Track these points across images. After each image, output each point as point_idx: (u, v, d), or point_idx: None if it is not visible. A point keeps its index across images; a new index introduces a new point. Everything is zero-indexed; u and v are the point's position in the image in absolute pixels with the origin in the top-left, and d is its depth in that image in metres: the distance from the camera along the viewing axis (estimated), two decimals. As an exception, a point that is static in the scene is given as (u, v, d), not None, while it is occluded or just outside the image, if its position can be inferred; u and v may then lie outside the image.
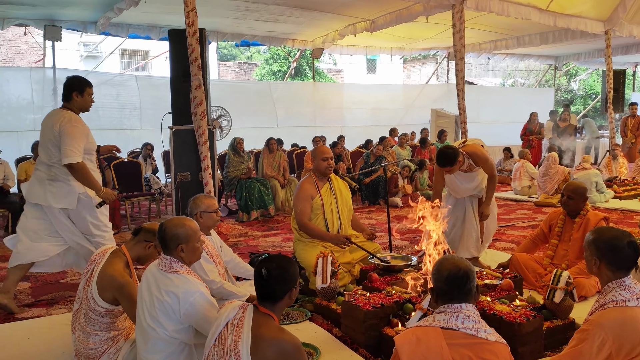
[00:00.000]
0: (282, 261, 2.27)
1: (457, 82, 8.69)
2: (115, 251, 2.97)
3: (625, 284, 2.16)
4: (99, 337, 2.87)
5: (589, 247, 2.29)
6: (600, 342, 2.04)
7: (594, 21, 10.69)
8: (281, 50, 23.58)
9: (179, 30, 6.81)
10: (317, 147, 4.49)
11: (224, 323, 2.23)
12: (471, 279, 2.05)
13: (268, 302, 2.23)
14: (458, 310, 2.01)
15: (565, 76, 24.13)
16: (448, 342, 1.94)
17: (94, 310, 2.82)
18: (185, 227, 2.65)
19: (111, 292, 2.79)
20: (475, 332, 1.97)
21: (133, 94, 11.90)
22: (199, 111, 6.62)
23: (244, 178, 7.77)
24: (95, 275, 2.85)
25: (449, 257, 2.14)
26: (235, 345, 2.12)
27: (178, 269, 2.60)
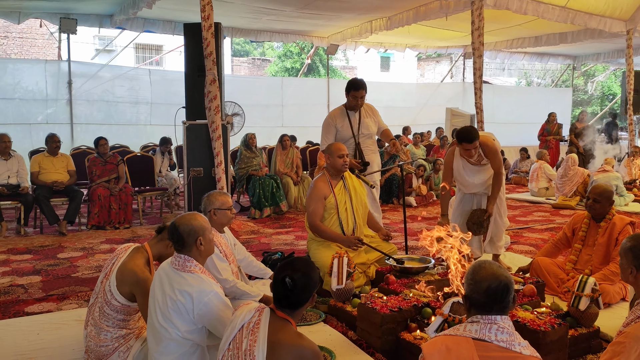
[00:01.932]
0: (307, 268, 2.15)
1: (475, 80, 8.53)
2: (138, 247, 2.93)
3: None
4: (110, 334, 2.81)
5: (625, 254, 2.16)
6: (637, 357, 1.92)
7: (615, 20, 10.45)
8: (294, 46, 23.51)
9: (194, 24, 6.74)
10: (333, 143, 4.37)
11: (239, 326, 2.14)
12: (511, 291, 1.92)
13: (287, 308, 2.14)
14: (492, 321, 1.89)
15: (582, 77, 23.78)
16: (480, 354, 1.82)
17: (109, 305, 2.78)
18: (198, 220, 2.60)
19: (129, 286, 2.75)
20: (509, 345, 1.85)
21: (145, 88, 11.88)
22: (213, 106, 6.55)
23: (256, 175, 7.68)
24: (115, 268, 2.81)
25: (486, 265, 1.97)
26: (250, 350, 2.04)
27: (192, 268, 2.52)
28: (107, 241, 6.09)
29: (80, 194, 6.67)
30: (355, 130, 4.96)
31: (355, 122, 4.96)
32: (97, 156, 7.04)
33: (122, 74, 11.75)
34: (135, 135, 11.38)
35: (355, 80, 4.98)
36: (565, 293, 3.88)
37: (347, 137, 4.95)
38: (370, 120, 5.01)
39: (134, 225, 6.98)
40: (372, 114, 5.04)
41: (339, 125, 4.98)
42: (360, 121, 4.97)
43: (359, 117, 4.98)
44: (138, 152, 8.57)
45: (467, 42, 13.31)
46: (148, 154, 8.20)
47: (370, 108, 5.08)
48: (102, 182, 6.85)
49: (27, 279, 4.64)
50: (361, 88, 4.85)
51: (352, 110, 4.97)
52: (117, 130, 11.15)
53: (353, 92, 4.86)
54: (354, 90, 4.85)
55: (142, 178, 7.76)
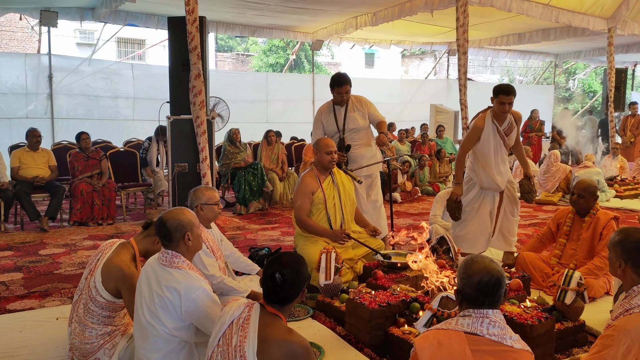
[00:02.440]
0: (296, 263, 2.15)
1: (460, 77, 8.57)
2: (124, 243, 2.89)
3: None
4: (95, 332, 2.77)
5: (614, 248, 2.18)
6: (626, 349, 1.94)
7: (597, 18, 10.58)
8: (279, 42, 23.40)
9: (178, 18, 6.65)
10: (322, 139, 4.35)
11: (229, 322, 2.12)
12: (503, 285, 1.93)
13: (277, 304, 2.13)
14: (484, 315, 1.89)
15: (563, 74, 24.07)
16: (472, 348, 1.83)
17: (94, 301, 2.73)
18: (186, 215, 2.57)
19: (115, 282, 2.70)
20: (501, 339, 1.86)
21: (128, 83, 11.73)
22: (198, 101, 6.48)
23: (239, 166, 7.62)
24: (100, 264, 2.76)
25: (478, 259, 1.97)
26: (240, 346, 2.02)
27: (180, 264, 2.48)
28: (90, 237, 6.00)
29: (62, 190, 6.56)
30: (340, 125, 4.88)
31: (341, 116, 4.88)
32: (79, 151, 6.93)
33: (104, 69, 11.58)
34: (117, 131, 11.24)
35: (338, 75, 4.89)
36: (550, 287, 3.92)
37: (332, 132, 4.91)
38: (357, 113, 4.91)
39: (118, 222, 6.89)
40: (360, 107, 4.93)
41: (324, 120, 4.94)
42: (346, 115, 4.88)
43: (345, 111, 4.90)
44: (121, 147, 8.46)
45: (451, 39, 13.39)
46: (132, 149, 8.08)
47: (359, 101, 4.97)
48: (85, 177, 6.74)
49: (9, 275, 4.55)
50: (344, 83, 4.78)
51: (339, 105, 4.91)
52: (99, 125, 11.00)
53: (337, 88, 4.79)
54: (337, 87, 4.78)
55: (126, 174, 7.66)
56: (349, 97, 4.86)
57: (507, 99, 4.37)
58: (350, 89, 4.82)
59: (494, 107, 4.48)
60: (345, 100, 4.85)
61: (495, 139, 4.54)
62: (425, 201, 8.71)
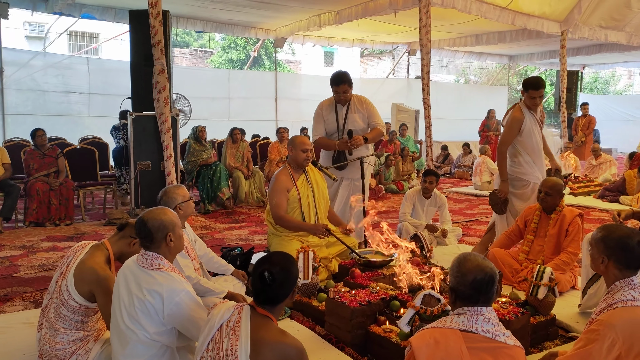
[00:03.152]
0: (285, 262, 2.10)
1: (423, 76, 8.68)
2: (97, 245, 2.76)
3: (634, 284, 2.12)
4: (67, 337, 2.64)
5: (597, 244, 2.23)
6: (610, 343, 1.99)
7: (550, 22, 10.95)
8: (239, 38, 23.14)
9: (140, 11, 6.47)
10: (297, 137, 4.29)
11: (218, 325, 2.06)
12: (496, 282, 1.96)
13: (267, 304, 2.08)
14: (478, 312, 1.92)
15: (516, 76, 24.82)
16: (468, 346, 1.85)
17: (66, 305, 2.60)
18: (168, 215, 2.47)
19: (89, 285, 2.57)
20: (495, 336, 1.89)
21: (82, 78, 11.34)
22: (162, 97, 6.32)
23: (206, 163, 7.46)
24: (72, 267, 2.63)
25: (471, 257, 1.99)
26: (232, 350, 1.97)
27: (161, 266, 2.39)
28: (48, 239, 5.75)
29: (16, 189, 6.25)
30: (341, 125, 4.69)
31: (342, 116, 4.69)
32: (34, 149, 6.64)
33: (57, 63, 11.16)
34: (71, 128, 10.85)
35: (336, 74, 4.66)
36: (520, 282, 4.02)
37: (332, 131, 4.75)
38: (358, 115, 4.71)
39: (76, 222, 6.63)
40: (361, 109, 4.72)
41: (326, 116, 4.75)
42: (346, 116, 4.69)
43: (346, 111, 4.70)
44: (77, 144, 8.16)
45: (412, 39, 13.59)
46: (89, 146, 7.80)
47: (360, 102, 4.76)
48: (41, 176, 6.46)
49: (-37, 280, 4.30)
50: (342, 82, 4.56)
51: (340, 103, 4.72)
52: (52, 121, 10.57)
53: (334, 87, 4.61)
54: (334, 85, 4.60)
55: (84, 172, 7.38)
56: (349, 97, 4.68)
57: (537, 93, 4.48)
58: (349, 88, 4.62)
59: (525, 101, 4.56)
60: (346, 99, 4.67)
61: (537, 129, 4.60)
62: (390, 199, 8.79)
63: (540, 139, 4.65)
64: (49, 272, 4.52)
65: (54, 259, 4.90)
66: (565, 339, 3.26)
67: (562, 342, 3.21)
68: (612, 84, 29.84)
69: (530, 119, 4.56)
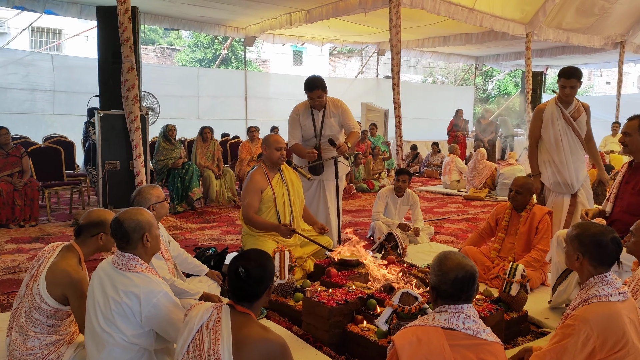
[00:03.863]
0: (261, 258, 2.09)
1: (393, 76, 8.76)
2: (68, 246, 2.68)
3: (607, 280, 2.17)
4: (38, 341, 2.56)
5: (572, 242, 2.28)
6: (585, 337, 2.04)
7: (516, 24, 11.21)
8: (206, 36, 22.87)
9: (108, 7, 6.33)
10: (270, 136, 4.25)
11: (197, 326, 2.03)
12: (476, 280, 1.98)
13: (245, 302, 2.06)
14: (459, 310, 1.95)
15: (481, 76, 25.31)
16: (450, 343, 1.87)
17: (38, 309, 2.52)
18: (145, 215, 2.43)
19: (62, 288, 2.51)
20: (476, 333, 1.92)
21: (46, 75, 11.01)
22: (131, 95, 6.21)
23: (174, 167, 7.35)
24: (44, 269, 2.55)
25: (452, 256, 2.02)
26: (214, 349, 1.94)
27: (138, 267, 2.34)
28: (13, 240, 5.57)
29: (-22, 190, 6.04)
30: (318, 131, 4.63)
31: (319, 122, 4.63)
32: (-3, 148, 6.42)
33: (19, 59, 10.80)
34: (35, 126, 10.55)
35: (309, 80, 4.58)
36: (492, 280, 4.10)
37: (309, 137, 4.68)
38: (334, 120, 4.66)
39: (41, 223, 6.45)
40: (336, 112, 4.67)
41: (302, 121, 4.67)
42: (323, 121, 4.64)
43: (323, 116, 4.64)
44: (41, 143, 7.93)
45: (381, 39, 13.69)
46: (55, 145, 7.59)
47: (335, 105, 4.70)
48: (4, 176, 6.25)
49: None
50: (315, 88, 4.48)
51: (316, 109, 4.65)
52: (15, 119, 10.25)
53: (308, 93, 4.53)
54: (308, 91, 4.53)
55: (49, 172, 7.17)
56: (324, 102, 4.61)
57: (567, 82, 4.13)
58: (323, 93, 4.54)
59: (558, 91, 4.29)
60: (321, 104, 4.61)
61: (560, 122, 4.22)
62: (360, 198, 8.84)
63: (566, 137, 4.22)
64: (15, 274, 4.38)
65: (20, 262, 4.75)
66: (537, 334, 3.34)
67: (534, 337, 3.29)
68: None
69: (555, 112, 4.23)
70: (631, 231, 2.64)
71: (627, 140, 3.41)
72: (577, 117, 4.22)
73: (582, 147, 4.30)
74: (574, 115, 4.23)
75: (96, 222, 2.68)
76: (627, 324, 2.08)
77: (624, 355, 2.05)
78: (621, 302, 2.12)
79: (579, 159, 4.28)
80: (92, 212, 2.68)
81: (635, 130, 3.34)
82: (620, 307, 2.11)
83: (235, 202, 7.77)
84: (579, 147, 4.27)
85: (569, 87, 4.15)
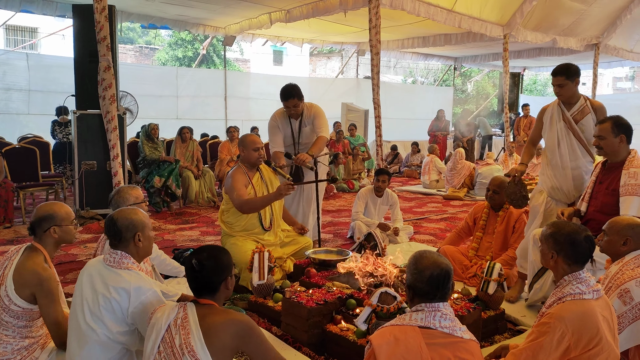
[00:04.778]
0: (213, 250, 2.15)
1: (373, 77, 8.81)
2: (30, 246, 2.65)
3: (581, 277, 2.21)
4: (11, 346, 2.51)
5: (546, 240, 2.31)
6: (560, 335, 2.07)
7: (494, 25, 11.35)
8: (186, 35, 22.68)
9: (84, 5, 6.26)
10: (247, 137, 4.22)
11: (165, 326, 2.06)
12: (451, 278, 2.02)
13: (206, 294, 2.11)
14: (435, 309, 1.97)
15: (460, 77, 25.55)
16: (427, 342, 1.88)
17: (8, 311, 2.48)
18: (139, 215, 2.45)
19: (31, 288, 2.48)
20: (452, 331, 1.95)
21: (20, 74, 10.81)
22: (108, 95, 6.14)
23: (164, 160, 7.30)
24: (9, 272, 2.51)
25: (427, 255, 2.05)
26: (186, 343, 1.97)
27: (129, 265, 2.35)
28: (-14, 243, 5.46)
29: (-51, 191, 5.91)
30: (297, 139, 4.64)
31: (296, 130, 4.65)
32: (-31, 148, 6.28)
33: (-8, 58, 10.60)
34: (10, 126, 10.34)
35: (284, 88, 4.53)
36: (470, 278, 4.14)
37: (288, 144, 4.68)
38: (309, 127, 4.65)
39: (16, 225, 6.32)
40: (311, 121, 4.64)
41: (281, 128, 4.65)
42: (300, 130, 4.65)
43: (300, 125, 4.65)
44: (16, 144, 7.78)
45: (361, 39, 13.73)
46: (29, 145, 7.45)
47: (310, 112, 4.65)
48: (-23, 177, 6.12)
49: None
50: (290, 97, 4.45)
51: (292, 117, 4.64)
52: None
53: (284, 102, 4.51)
54: (284, 100, 4.50)
55: (24, 172, 7.05)
56: (300, 111, 4.58)
57: (554, 80, 3.79)
58: (299, 102, 4.51)
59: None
60: (297, 113, 4.58)
61: (559, 125, 3.83)
62: (341, 198, 8.86)
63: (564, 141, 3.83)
64: (-12, 278, 4.29)
65: (-7, 265, 4.65)
66: (514, 332, 3.39)
67: (511, 335, 3.33)
68: (550, 86, 31.22)
69: (555, 113, 3.88)
70: (604, 230, 2.69)
71: (601, 143, 3.40)
72: (579, 119, 3.79)
73: (588, 152, 3.81)
74: (576, 117, 3.80)
75: (43, 217, 2.65)
76: (601, 321, 2.11)
77: (598, 352, 2.08)
78: (595, 300, 2.16)
79: (580, 166, 3.81)
80: (39, 207, 2.65)
81: (609, 132, 3.36)
82: (594, 304, 2.14)
83: (215, 202, 7.72)
84: (580, 152, 3.81)
85: (557, 85, 3.78)
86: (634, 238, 2.57)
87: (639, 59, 16.18)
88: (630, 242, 2.57)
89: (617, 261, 2.61)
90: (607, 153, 3.42)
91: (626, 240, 2.58)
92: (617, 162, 3.39)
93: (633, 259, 2.55)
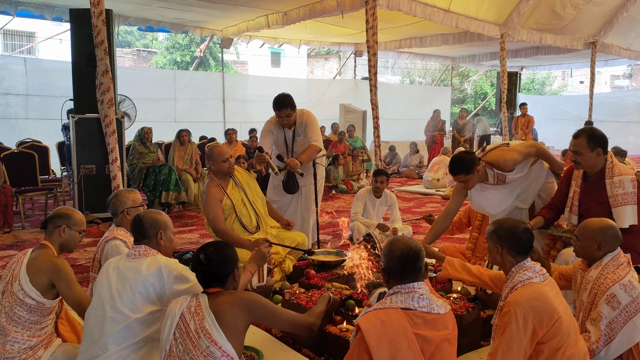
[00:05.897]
0: (218, 245, 2.31)
1: (370, 78, 8.82)
2: (41, 245, 2.75)
3: (527, 266, 2.35)
4: (18, 345, 2.57)
5: (490, 237, 2.45)
6: (523, 319, 2.16)
7: (491, 25, 11.39)
8: (183, 38, 22.71)
9: (82, 10, 6.27)
10: (214, 149, 4.11)
11: (179, 313, 2.19)
12: (422, 257, 2.17)
13: (215, 285, 2.24)
14: (412, 289, 2.11)
15: (458, 77, 25.60)
16: (409, 322, 2.03)
17: (22, 304, 2.56)
18: (162, 216, 2.63)
19: (47, 274, 2.59)
20: (429, 309, 2.09)
21: (18, 79, 10.82)
22: (106, 99, 6.15)
23: (153, 165, 7.29)
24: (21, 269, 2.61)
25: (399, 238, 2.23)
26: (201, 327, 2.10)
27: (154, 253, 2.53)
28: (-14, 248, 5.47)
29: (-51, 196, 5.92)
30: (290, 147, 4.62)
31: (290, 140, 4.62)
32: (-32, 153, 6.29)
33: (-10, 63, 10.61)
34: (8, 131, 10.36)
35: (277, 98, 4.47)
36: (468, 278, 4.14)
37: (281, 152, 4.65)
38: (302, 137, 4.60)
39: (15, 229, 6.33)
40: (304, 129, 4.58)
41: (275, 135, 4.63)
42: (294, 139, 4.62)
43: (293, 135, 4.61)
44: (15, 148, 7.79)
45: (359, 40, 13.76)
46: (28, 150, 7.46)
47: (302, 120, 4.59)
48: (-24, 182, 6.13)
49: None
50: (283, 107, 4.39)
51: (286, 127, 4.61)
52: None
53: (277, 112, 4.45)
54: (276, 110, 4.44)
55: (23, 177, 7.06)
56: (292, 121, 4.54)
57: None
58: (292, 112, 4.45)
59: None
60: (290, 123, 4.55)
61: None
62: (340, 199, 8.87)
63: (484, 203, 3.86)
64: (-12, 283, 4.30)
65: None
66: (513, 330, 3.39)
67: (510, 333, 3.34)
68: (547, 85, 31.29)
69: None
70: (576, 235, 2.73)
71: (578, 158, 3.31)
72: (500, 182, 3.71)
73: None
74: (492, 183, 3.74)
75: (60, 214, 2.78)
76: (553, 297, 2.25)
77: (559, 325, 2.19)
78: (543, 282, 2.30)
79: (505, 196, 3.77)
80: (60, 207, 2.83)
81: (585, 147, 3.27)
82: (543, 285, 2.28)
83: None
84: (507, 190, 3.75)
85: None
86: (607, 241, 2.60)
87: (636, 56, 16.22)
88: (604, 246, 2.60)
89: (595, 265, 2.64)
90: (585, 167, 3.35)
91: (600, 245, 2.60)
92: (596, 172, 3.34)
93: (611, 260, 2.59)
